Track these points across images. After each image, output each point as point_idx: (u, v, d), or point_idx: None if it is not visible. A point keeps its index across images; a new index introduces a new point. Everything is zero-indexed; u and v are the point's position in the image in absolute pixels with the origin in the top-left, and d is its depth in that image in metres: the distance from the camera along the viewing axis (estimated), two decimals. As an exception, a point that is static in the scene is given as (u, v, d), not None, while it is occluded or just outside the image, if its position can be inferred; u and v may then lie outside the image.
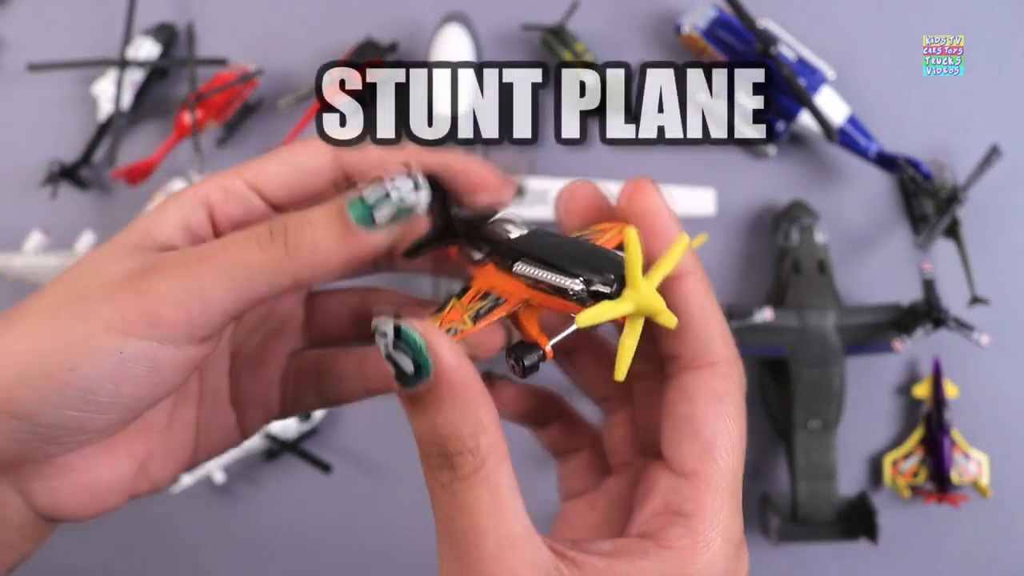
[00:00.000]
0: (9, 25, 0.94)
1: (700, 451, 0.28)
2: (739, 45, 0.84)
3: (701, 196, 0.84)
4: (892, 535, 0.82)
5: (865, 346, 0.83)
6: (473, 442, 0.26)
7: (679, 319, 0.28)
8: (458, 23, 0.85)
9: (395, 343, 0.26)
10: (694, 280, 0.30)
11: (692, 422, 0.29)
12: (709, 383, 0.29)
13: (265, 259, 0.27)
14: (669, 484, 0.29)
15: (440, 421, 0.26)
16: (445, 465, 0.26)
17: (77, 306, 0.27)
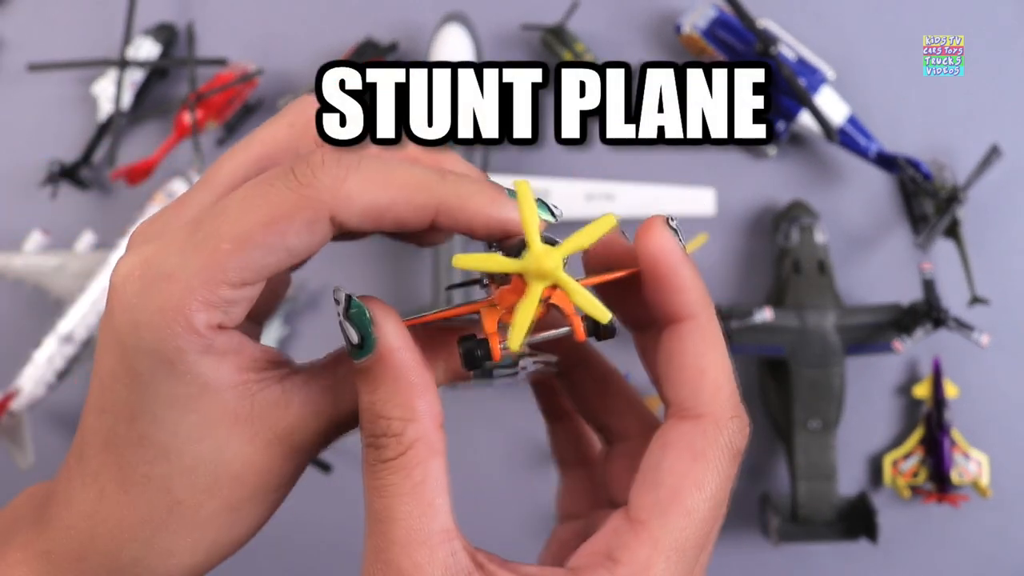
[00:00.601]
0: (9, 25, 0.94)
1: (655, 503, 0.27)
2: (739, 45, 0.84)
3: (701, 196, 0.84)
4: (892, 535, 0.82)
5: (865, 346, 0.83)
6: (400, 427, 0.26)
7: (670, 362, 0.27)
8: (458, 23, 0.85)
9: (346, 312, 0.26)
10: (694, 325, 0.28)
11: (658, 471, 0.27)
12: (688, 436, 0.27)
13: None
14: (617, 526, 0.27)
15: (374, 399, 0.26)
16: (373, 444, 0.26)
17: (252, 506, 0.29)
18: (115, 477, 0.28)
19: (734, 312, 0.82)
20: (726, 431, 0.27)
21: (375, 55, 0.88)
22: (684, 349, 0.27)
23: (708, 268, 0.88)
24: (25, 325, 0.87)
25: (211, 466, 0.28)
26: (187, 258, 0.25)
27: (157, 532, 0.28)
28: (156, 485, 0.28)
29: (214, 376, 0.27)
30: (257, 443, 0.28)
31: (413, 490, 0.26)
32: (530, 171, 0.88)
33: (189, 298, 0.25)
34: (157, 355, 0.26)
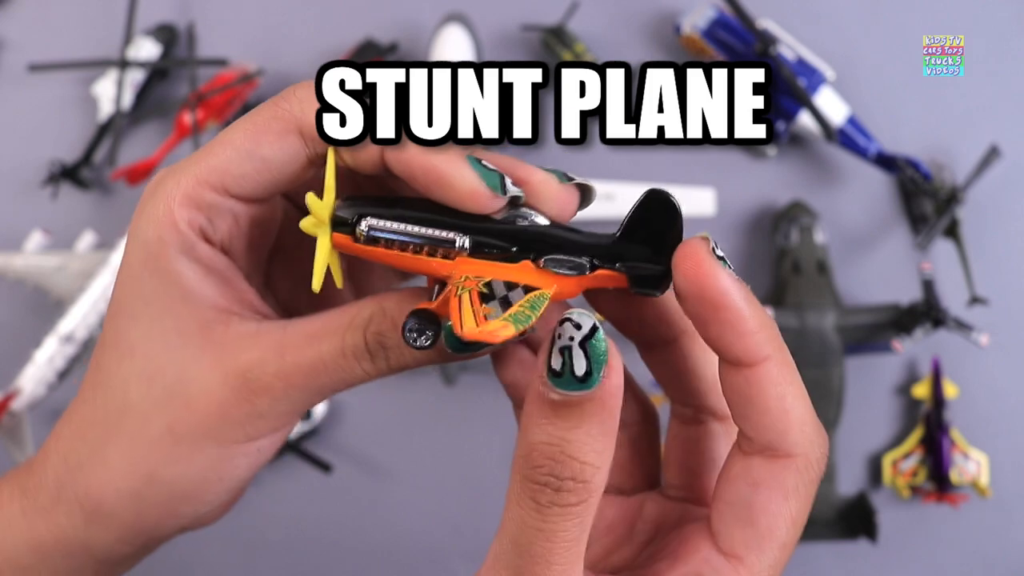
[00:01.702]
0: (9, 25, 0.94)
1: (751, 539, 0.27)
2: (739, 45, 0.84)
3: (701, 196, 0.84)
4: (892, 535, 0.83)
5: (864, 346, 0.83)
6: (591, 473, 0.25)
7: (753, 406, 0.27)
8: (458, 23, 0.85)
9: (585, 340, 0.25)
10: (771, 366, 0.26)
11: (751, 509, 0.27)
12: (780, 475, 0.27)
13: (364, 373, 0.29)
14: (707, 557, 0.28)
15: (572, 437, 0.25)
16: (551, 485, 0.25)
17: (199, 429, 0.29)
18: (91, 379, 0.30)
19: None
20: (815, 468, 0.27)
21: (375, 55, 0.88)
22: (764, 392, 0.26)
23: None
24: (26, 325, 0.87)
25: (170, 379, 0.28)
26: (184, 164, 0.29)
27: (104, 437, 0.29)
28: (116, 385, 0.29)
29: (197, 287, 0.28)
30: (217, 372, 0.28)
31: (579, 538, 0.25)
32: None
33: (175, 191, 0.28)
34: (145, 246, 0.28)
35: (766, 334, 0.26)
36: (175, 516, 0.30)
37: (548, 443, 0.25)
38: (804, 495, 0.27)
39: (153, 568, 0.94)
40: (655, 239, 0.27)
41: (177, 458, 0.29)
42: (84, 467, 0.29)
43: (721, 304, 0.26)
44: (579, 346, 0.25)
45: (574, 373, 0.25)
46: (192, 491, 0.30)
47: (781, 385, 0.27)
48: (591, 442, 0.25)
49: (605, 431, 0.25)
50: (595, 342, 0.25)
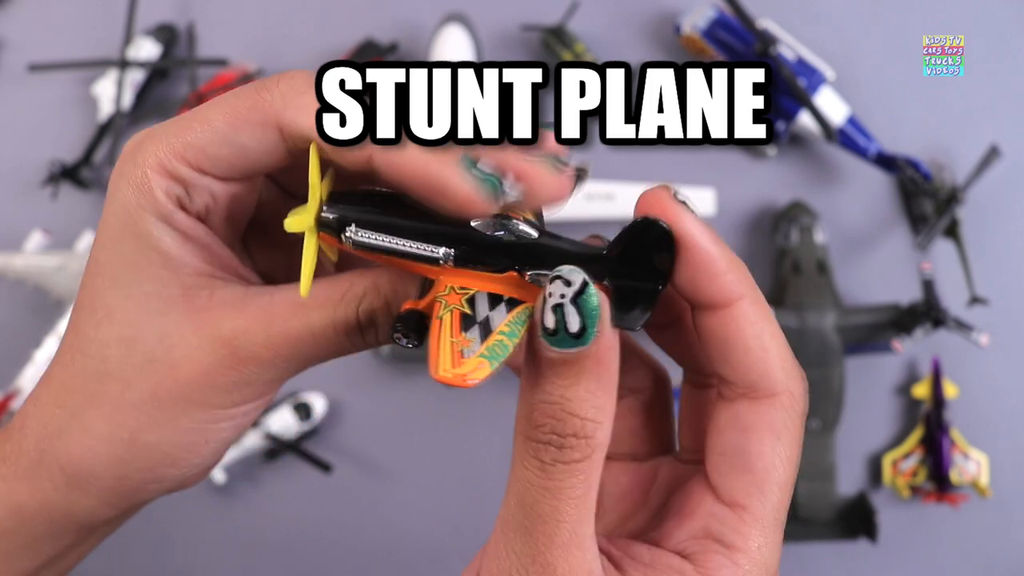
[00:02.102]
0: (9, 25, 0.94)
1: (751, 485, 0.27)
2: (739, 45, 0.84)
3: (701, 196, 0.84)
4: (891, 535, 0.83)
5: (865, 346, 0.83)
6: (592, 429, 0.25)
7: (732, 348, 0.27)
8: (458, 23, 0.85)
9: (576, 297, 0.25)
10: (746, 304, 0.27)
11: (745, 455, 0.27)
12: (767, 416, 0.27)
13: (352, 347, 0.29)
14: (712, 510, 0.28)
15: (571, 395, 0.25)
16: (553, 443, 0.25)
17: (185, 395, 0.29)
18: (69, 343, 0.29)
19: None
20: (799, 402, 0.28)
21: (375, 55, 0.88)
22: (742, 332, 0.27)
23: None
24: (26, 325, 0.87)
25: (151, 344, 0.28)
26: (162, 132, 0.28)
27: (84, 403, 0.29)
28: (94, 350, 0.29)
29: (177, 253, 0.28)
30: (202, 338, 0.28)
31: (586, 494, 0.25)
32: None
33: (152, 158, 0.28)
34: (124, 209, 0.28)
35: (737, 274, 0.27)
36: (158, 480, 0.30)
37: (548, 402, 0.25)
38: (794, 432, 0.28)
39: (153, 567, 0.95)
40: (646, 261, 0.27)
41: (161, 423, 0.29)
42: (64, 433, 0.29)
43: (689, 245, 0.26)
44: (571, 303, 0.25)
45: (568, 330, 0.25)
46: (177, 455, 0.29)
47: (758, 324, 0.27)
48: (591, 398, 0.25)
49: (604, 386, 0.25)
50: (586, 297, 0.25)
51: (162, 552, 0.90)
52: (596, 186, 0.84)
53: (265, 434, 0.85)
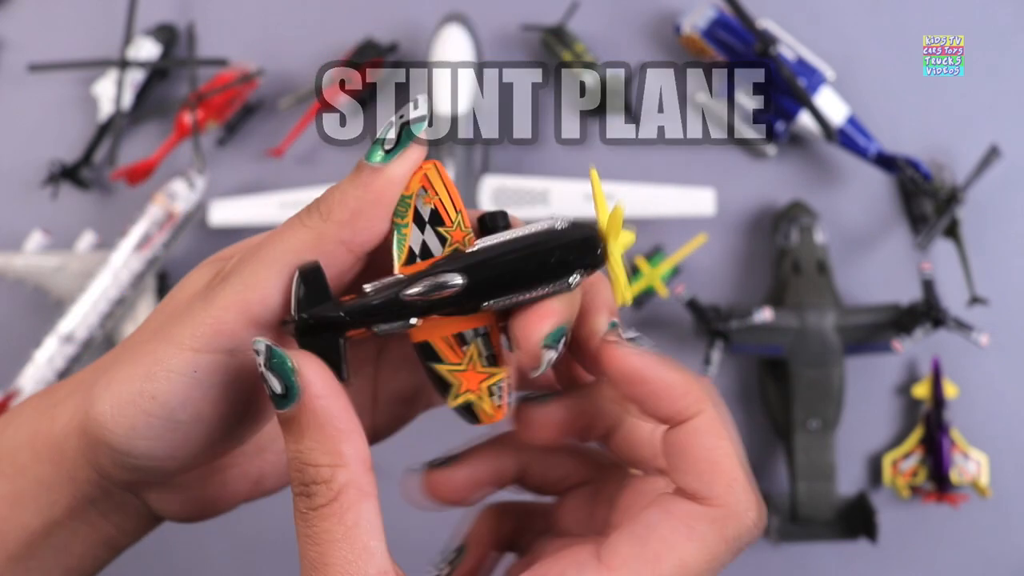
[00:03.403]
0: (9, 25, 0.94)
1: (633, 558, 0.26)
2: (739, 45, 0.84)
3: (701, 196, 0.84)
4: (891, 535, 0.83)
5: (865, 346, 0.83)
6: (328, 473, 0.26)
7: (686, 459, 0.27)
8: (458, 23, 0.85)
9: (268, 363, 0.26)
10: (701, 420, 0.27)
11: (649, 530, 0.27)
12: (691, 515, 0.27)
13: (310, 232, 0.28)
14: (582, 561, 0.27)
15: (301, 447, 0.26)
16: (303, 493, 0.26)
17: (163, 329, 0.28)
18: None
19: (734, 312, 0.82)
20: (736, 523, 0.27)
21: (375, 55, 0.88)
22: (694, 443, 0.27)
23: (708, 268, 0.88)
24: (26, 325, 0.87)
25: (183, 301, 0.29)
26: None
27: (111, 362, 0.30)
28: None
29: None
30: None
31: (346, 535, 0.26)
32: (530, 171, 0.88)
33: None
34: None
35: (695, 395, 0.28)
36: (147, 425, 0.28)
37: (291, 458, 0.27)
38: (711, 546, 0.26)
39: (153, 567, 0.95)
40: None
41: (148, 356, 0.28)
42: (92, 388, 0.29)
43: (636, 379, 0.28)
44: (267, 369, 0.26)
45: (277, 393, 0.26)
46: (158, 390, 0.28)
47: (711, 438, 0.27)
48: (318, 446, 0.26)
49: (328, 434, 0.26)
50: (275, 361, 0.26)
51: (162, 552, 0.90)
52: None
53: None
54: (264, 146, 0.90)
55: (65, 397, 0.31)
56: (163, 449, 0.29)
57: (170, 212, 0.86)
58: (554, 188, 0.85)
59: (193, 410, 0.28)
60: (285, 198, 0.86)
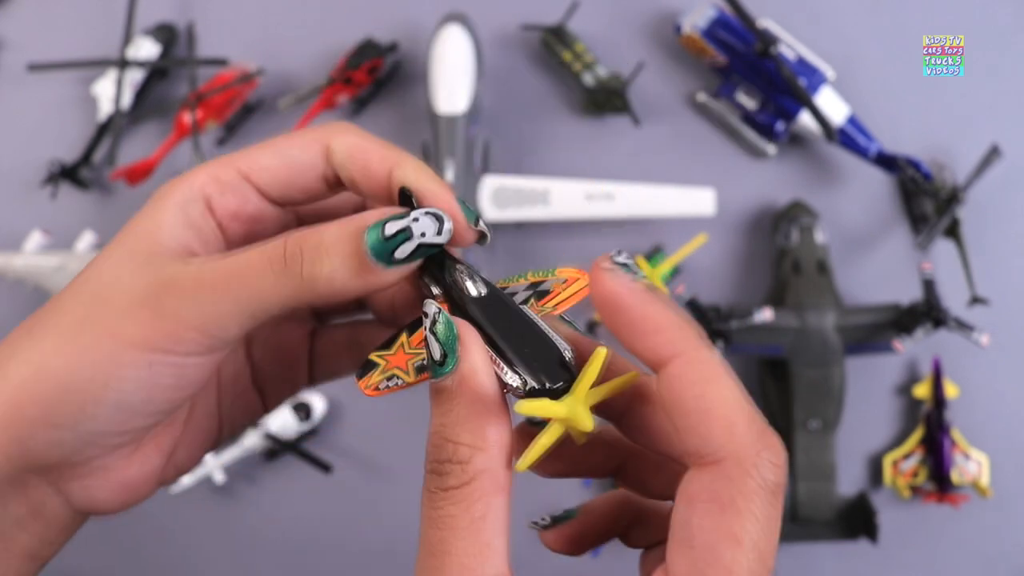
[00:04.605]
0: (9, 25, 0.94)
1: (691, 566, 0.23)
2: (739, 45, 0.84)
3: (701, 196, 0.84)
4: (892, 535, 0.82)
5: (865, 346, 0.83)
6: (467, 454, 0.25)
7: (676, 414, 0.25)
8: (458, 23, 0.85)
9: (432, 326, 0.26)
10: (682, 362, 0.25)
11: (687, 529, 0.24)
12: (709, 486, 0.24)
13: (280, 286, 0.27)
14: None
15: (446, 420, 0.26)
16: (436, 470, 0.26)
17: (104, 323, 0.28)
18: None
19: (734, 312, 0.82)
20: (753, 470, 0.24)
21: (375, 55, 0.88)
22: (680, 392, 0.24)
23: (708, 268, 0.88)
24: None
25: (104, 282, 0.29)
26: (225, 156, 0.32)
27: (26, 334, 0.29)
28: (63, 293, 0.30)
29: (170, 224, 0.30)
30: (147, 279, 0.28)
31: (471, 525, 0.25)
32: (530, 171, 0.88)
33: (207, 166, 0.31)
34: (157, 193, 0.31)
35: (675, 331, 0.25)
36: (51, 421, 0.28)
37: (433, 431, 0.26)
38: (747, 506, 0.23)
39: (153, 567, 0.95)
40: None
41: (69, 348, 0.28)
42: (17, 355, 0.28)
43: (615, 306, 0.26)
44: (430, 332, 0.26)
45: (435, 359, 0.26)
46: (74, 387, 0.27)
47: (698, 383, 0.24)
48: (462, 422, 0.25)
49: (475, 411, 0.25)
50: (439, 326, 0.26)
51: (162, 552, 0.90)
52: (596, 186, 0.84)
53: (265, 434, 0.85)
54: (264, 146, 0.90)
55: None
56: (110, 425, 0.28)
57: (170, 212, 0.86)
58: (554, 188, 0.85)
59: (144, 397, 0.28)
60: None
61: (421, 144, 0.87)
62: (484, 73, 0.86)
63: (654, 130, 0.89)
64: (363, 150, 0.30)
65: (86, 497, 0.30)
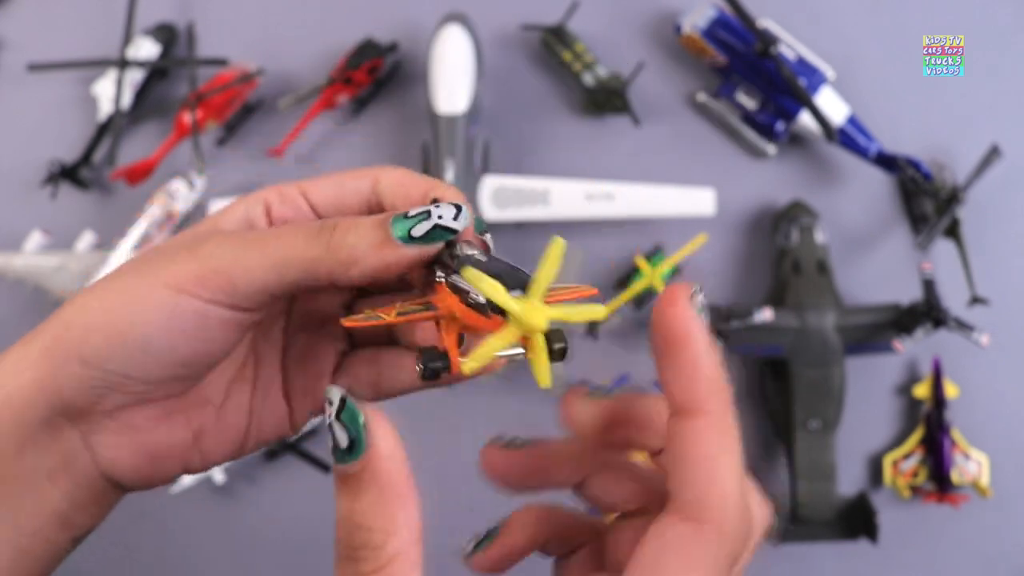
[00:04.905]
0: (9, 25, 0.94)
1: None
2: (739, 45, 0.84)
3: (701, 196, 0.84)
4: (892, 535, 0.82)
5: (865, 346, 0.83)
6: (381, 539, 0.25)
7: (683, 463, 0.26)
8: (458, 23, 0.85)
9: (338, 413, 0.26)
10: (707, 423, 0.26)
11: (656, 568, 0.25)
12: (686, 542, 0.25)
13: (307, 249, 0.30)
14: None
15: (357, 507, 0.26)
16: (350, 556, 0.26)
17: (142, 269, 0.30)
18: None
19: (734, 312, 0.82)
20: (728, 542, 0.26)
21: (375, 55, 0.88)
22: (696, 448, 0.26)
23: (708, 268, 0.88)
24: (26, 325, 0.87)
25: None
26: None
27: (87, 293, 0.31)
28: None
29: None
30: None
31: None
32: (530, 171, 0.88)
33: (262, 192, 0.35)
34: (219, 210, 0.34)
35: (716, 387, 0.26)
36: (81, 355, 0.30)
37: (342, 517, 0.26)
38: (712, 570, 0.25)
39: (153, 567, 0.95)
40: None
41: (108, 288, 0.30)
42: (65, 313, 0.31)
43: (683, 341, 0.26)
44: (335, 419, 0.26)
45: (341, 447, 0.26)
46: (104, 323, 0.30)
47: (715, 447, 0.26)
48: (373, 508, 0.26)
49: (387, 496, 0.26)
50: (347, 411, 0.26)
51: (162, 552, 0.90)
52: (596, 186, 0.84)
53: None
54: (264, 146, 0.90)
55: (11, 350, 0.31)
56: (134, 368, 0.30)
57: (170, 212, 0.86)
58: (554, 188, 0.85)
59: (167, 342, 0.30)
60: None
61: (421, 144, 0.87)
62: (484, 73, 0.86)
63: (654, 130, 0.89)
64: (405, 181, 0.33)
65: (111, 457, 0.32)
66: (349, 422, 0.26)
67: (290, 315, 0.37)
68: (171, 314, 0.29)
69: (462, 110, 0.83)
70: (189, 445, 0.33)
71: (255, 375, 0.36)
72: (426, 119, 0.86)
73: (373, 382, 0.37)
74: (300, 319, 0.37)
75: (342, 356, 0.37)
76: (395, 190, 0.33)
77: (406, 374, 0.36)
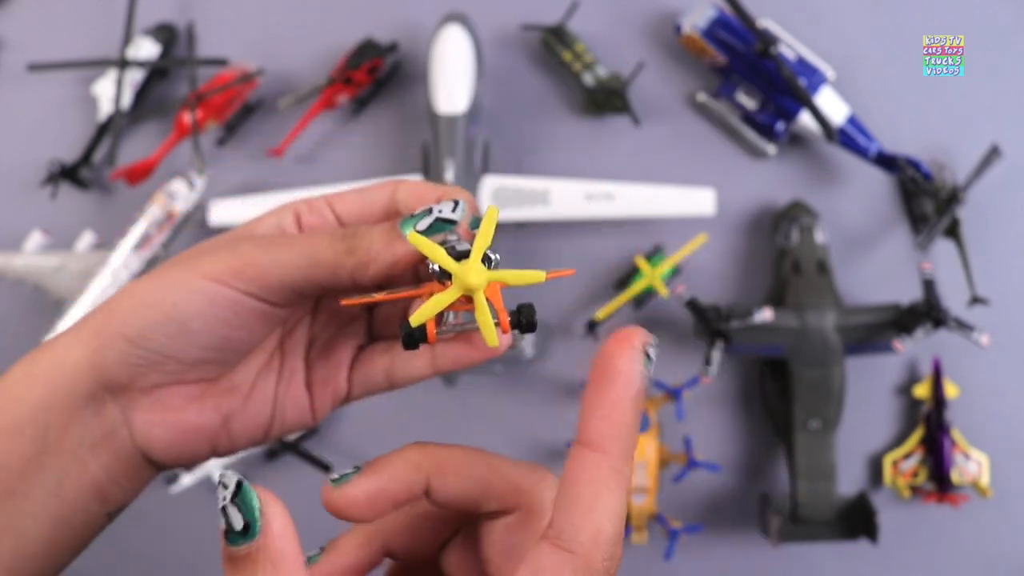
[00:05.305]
0: (9, 25, 0.94)
1: None
2: (739, 45, 0.84)
3: (701, 196, 0.84)
4: (892, 535, 0.82)
5: (865, 346, 0.83)
6: None
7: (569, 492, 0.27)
8: (458, 23, 0.85)
9: (233, 498, 0.27)
10: (601, 460, 0.27)
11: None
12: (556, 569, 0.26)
13: (331, 249, 0.33)
14: None
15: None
16: None
17: (184, 263, 0.34)
18: None
19: (734, 312, 0.82)
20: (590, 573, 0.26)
21: (375, 55, 0.88)
22: (584, 475, 0.27)
23: (708, 268, 0.88)
24: (26, 325, 0.87)
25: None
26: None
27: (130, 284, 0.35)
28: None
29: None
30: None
31: None
32: (530, 171, 0.88)
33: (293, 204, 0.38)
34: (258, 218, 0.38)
35: (624, 434, 0.27)
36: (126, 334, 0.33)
37: None
38: None
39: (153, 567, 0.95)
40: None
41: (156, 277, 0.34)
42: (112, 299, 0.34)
43: (614, 381, 0.27)
44: (231, 503, 0.27)
45: (236, 529, 0.27)
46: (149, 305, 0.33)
47: (601, 483, 0.26)
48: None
49: (279, 573, 0.27)
50: (243, 495, 0.27)
51: (162, 552, 0.90)
52: (596, 186, 0.84)
53: (265, 434, 0.85)
54: (264, 146, 0.90)
55: (64, 332, 0.34)
56: (173, 348, 0.33)
57: (170, 212, 0.86)
58: (554, 188, 0.85)
59: (203, 325, 0.33)
60: (285, 198, 0.86)
61: (421, 144, 0.87)
62: (484, 73, 0.86)
63: (654, 130, 0.89)
64: (421, 190, 0.36)
65: (146, 433, 0.34)
66: (244, 505, 0.27)
67: (315, 316, 0.40)
68: (210, 301, 0.33)
69: (462, 110, 0.83)
70: (218, 427, 0.36)
71: (281, 367, 0.39)
72: (426, 119, 0.86)
73: (387, 371, 0.39)
74: (324, 319, 0.40)
75: (359, 349, 0.40)
76: (411, 199, 0.36)
77: (417, 364, 0.38)
